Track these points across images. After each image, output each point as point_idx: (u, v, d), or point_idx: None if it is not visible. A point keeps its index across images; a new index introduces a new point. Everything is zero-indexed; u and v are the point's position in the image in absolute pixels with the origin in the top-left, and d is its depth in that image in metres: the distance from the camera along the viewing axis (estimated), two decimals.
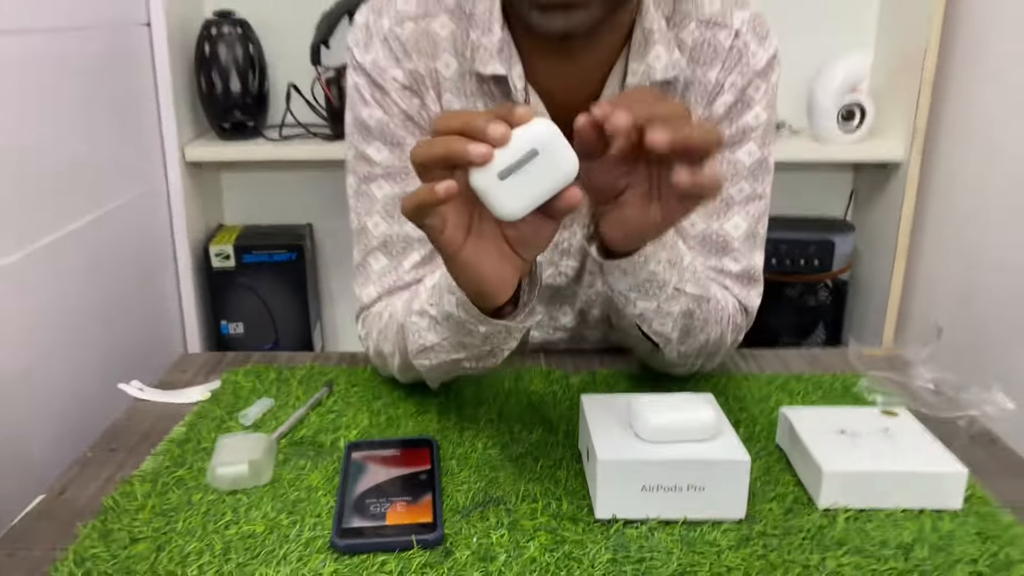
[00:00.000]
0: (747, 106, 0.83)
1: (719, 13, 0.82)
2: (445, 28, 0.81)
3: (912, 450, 0.71)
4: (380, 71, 0.82)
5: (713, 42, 0.82)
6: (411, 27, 0.81)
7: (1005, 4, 1.30)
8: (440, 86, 0.82)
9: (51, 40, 1.08)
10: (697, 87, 0.83)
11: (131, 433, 0.82)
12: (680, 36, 0.82)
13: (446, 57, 0.82)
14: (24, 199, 1.01)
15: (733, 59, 0.82)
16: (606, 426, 0.69)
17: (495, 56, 0.78)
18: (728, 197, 0.84)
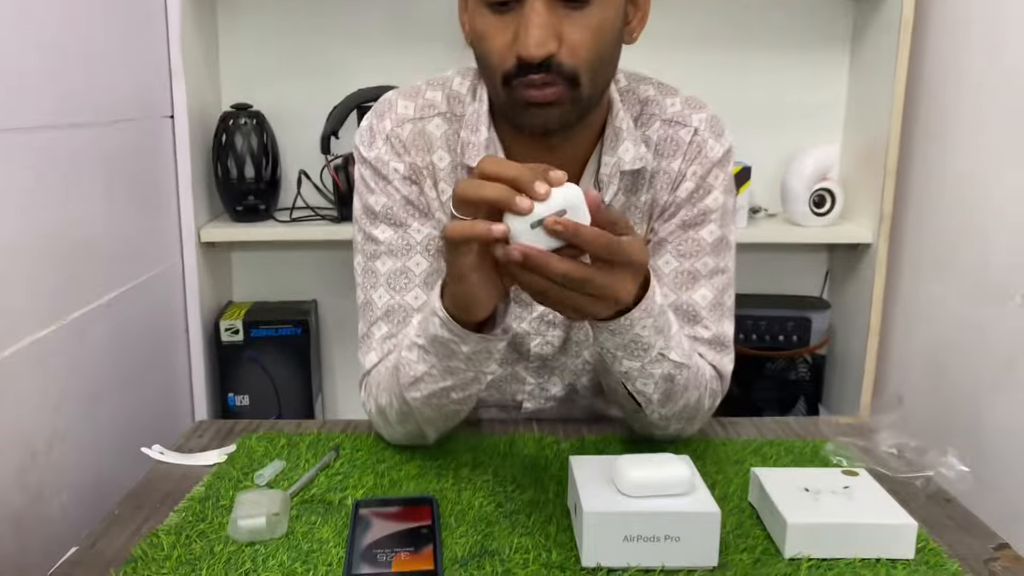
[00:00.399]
0: (707, 192, 0.94)
1: (680, 113, 0.95)
2: (439, 128, 0.93)
3: (869, 505, 0.78)
4: (383, 163, 0.93)
5: (675, 138, 0.94)
6: (409, 127, 0.93)
7: (960, 97, 1.43)
8: (436, 176, 0.93)
9: (87, 132, 1.19)
10: (662, 176, 0.94)
11: (154, 492, 0.88)
12: (647, 133, 0.94)
13: (440, 152, 0.93)
14: (57, 276, 1.10)
15: (693, 152, 0.94)
16: (592, 483, 0.77)
17: (482, 152, 0.90)
18: (695, 271, 0.94)
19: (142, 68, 1.40)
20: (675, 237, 0.95)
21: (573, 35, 0.80)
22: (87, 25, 1.20)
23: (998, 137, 1.33)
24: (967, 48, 1.41)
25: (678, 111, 0.95)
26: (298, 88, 1.72)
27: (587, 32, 0.80)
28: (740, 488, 0.88)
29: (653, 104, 0.95)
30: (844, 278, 1.76)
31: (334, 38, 1.72)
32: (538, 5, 0.78)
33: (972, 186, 1.40)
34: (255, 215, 1.62)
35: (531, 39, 0.78)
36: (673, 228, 0.95)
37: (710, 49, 1.74)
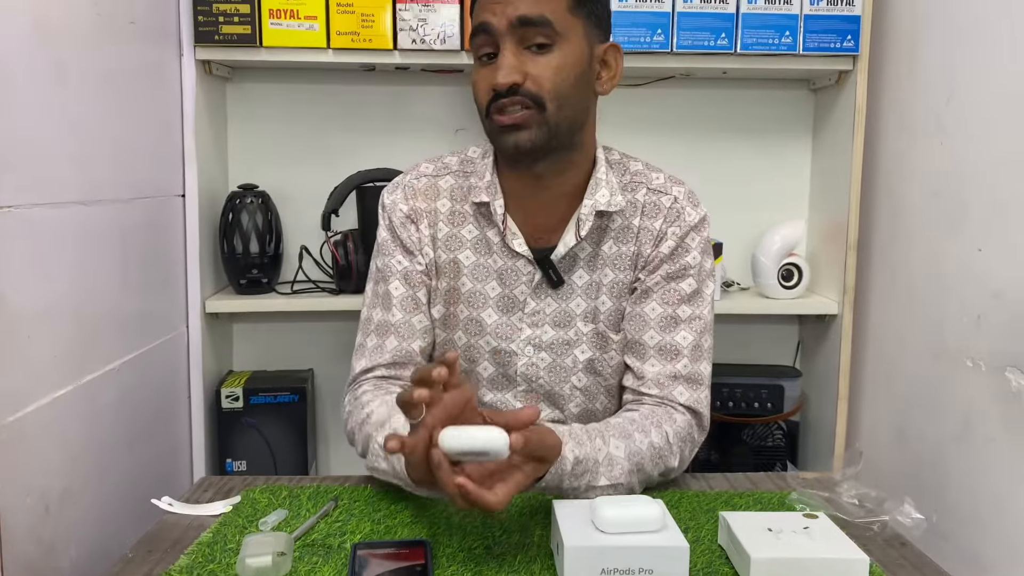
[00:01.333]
0: (686, 251, 1.13)
1: (663, 185, 1.15)
2: (447, 183, 1.16)
3: (826, 543, 0.86)
4: (393, 206, 1.16)
5: (658, 203, 1.14)
6: (425, 181, 1.17)
7: (912, 178, 1.55)
8: (436, 218, 1.15)
9: (106, 209, 1.28)
10: (646, 232, 1.13)
11: (165, 538, 0.95)
12: (635, 197, 1.13)
13: (443, 200, 1.16)
14: (74, 341, 1.17)
15: (673, 216, 1.13)
16: (573, 522, 0.84)
17: (484, 191, 1.12)
18: (676, 316, 1.11)
19: (158, 150, 1.51)
20: (659, 287, 1.12)
21: (536, 70, 1.02)
22: (111, 110, 1.31)
23: (946, 215, 1.44)
24: (917, 132, 1.54)
25: (662, 183, 1.15)
26: (301, 170, 1.83)
27: (548, 69, 1.02)
28: (710, 532, 0.95)
29: (641, 175, 1.15)
30: (814, 347, 1.85)
31: (335, 125, 1.84)
32: (507, 50, 1.01)
33: (924, 259, 1.51)
34: (258, 288, 1.71)
35: (499, 74, 1.01)
36: (658, 279, 1.12)
37: (687, 135, 1.87)
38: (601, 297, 1.13)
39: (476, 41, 1.05)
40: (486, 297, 1.13)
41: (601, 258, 1.13)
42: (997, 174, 1.31)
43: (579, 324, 1.13)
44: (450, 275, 1.14)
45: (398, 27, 1.58)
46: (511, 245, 1.11)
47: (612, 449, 0.99)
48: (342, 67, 1.74)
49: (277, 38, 1.57)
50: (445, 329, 1.16)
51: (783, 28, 1.60)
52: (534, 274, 1.12)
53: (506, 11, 1.01)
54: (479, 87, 1.06)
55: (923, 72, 1.53)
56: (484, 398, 1.17)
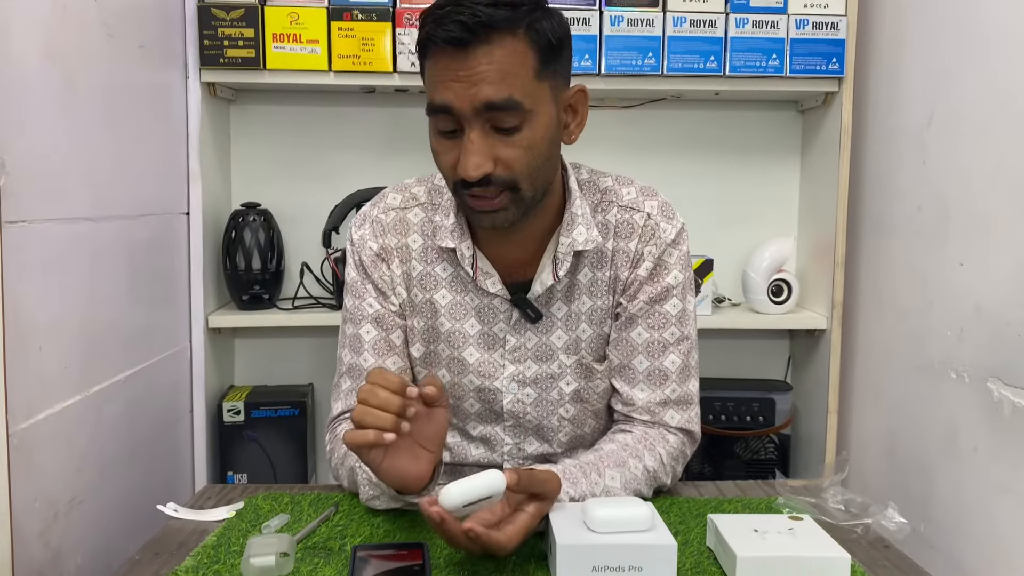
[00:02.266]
0: (666, 270, 1.09)
1: (635, 200, 1.10)
2: (417, 216, 1.12)
3: (809, 542, 0.89)
4: (363, 243, 1.12)
5: (631, 222, 1.09)
6: (393, 215, 1.12)
7: (896, 196, 1.60)
8: (409, 255, 1.11)
9: (114, 225, 1.32)
10: (621, 255, 1.10)
11: (170, 542, 0.98)
12: (606, 218, 1.10)
13: (414, 236, 1.12)
14: (82, 352, 1.21)
15: (648, 234, 1.09)
16: (566, 523, 0.88)
17: (449, 234, 1.07)
18: (664, 340, 1.10)
19: (164, 169, 1.55)
20: (643, 312, 1.10)
21: (506, 154, 0.95)
22: (119, 129, 1.35)
23: (929, 231, 1.48)
24: (900, 152, 1.59)
25: (633, 198, 1.10)
26: (302, 189, 1.88)
27: (519, 151, 0.95)
28: (699, 535, 0.98)
29: (611, 193, 1.11)
30: (804, 362, 1.89)
31: (336, 145, 1.89)
32: (474, 135, 0.93)
33: (908, 275, 1.55)
34: (259, 304, 1.74)
35: (468, 164, 0.93)
36: (641, 304, 1.10)
37: (678, 155, 1.92)
38: (581, 326, 1.11)
39: (435, 118, 0.96)
40: (466, 335, 1.10)
41: (577, 288, 1.10)
42: (977, 191, 1.36)
43: (561, 357, 1.11)
44: (427, 314, 1.11)
45: (397, 51, 1.63)
46: (484, 286, 1.08)
47: (608, 481, 1.00)
48: (343, 89, 1.79)
49: (280, 61, 1.62)
50: (426, 366, 1.13)
51: (770, 51, 1.65)
52: (511, 311, 1.09)
53: (468, 93, 0.91)
54: (443, 162, 0.98)
55: (905, 93, 1.58)
56: (473, 431, 1.16)
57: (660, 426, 1.10)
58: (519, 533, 0.85)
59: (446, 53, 0.92)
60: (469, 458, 1.17)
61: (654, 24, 1.63)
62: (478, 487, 0.82)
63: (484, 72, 0.91)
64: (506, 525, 0.85)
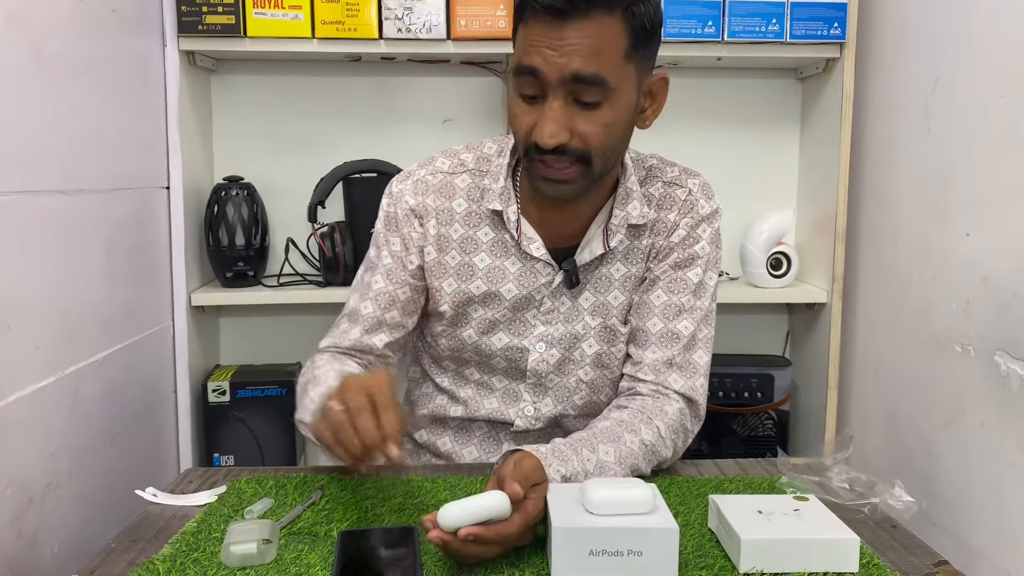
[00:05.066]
0: (695, 240, 1.12)
1: (678, 177, 1.14)
2: (464, 182, 1.12)
3: (816, 524, 0.85)
4: (399, 197, 1.12)
5: (673, 195, 1.13)
6: (440, 178, 1.13)
7: (899, 165, 1.55)
8: (452, 218, 1.11)
9: (89, 199, 1.27)
10: (660, 224, 1.12)
11: (148, 528, 0.93)
12: (650, 191, 1.12)
13: (459, 200, 1.12)
14: (56, 332, 1.16)
15: (687, 208, 1.12)
16: (563, 505, 0.83)
17: (497, 197, 1.09)
18: (679, 304, 1.11)
19: (142, 142, 1.50)
20: (666, 276, 1.11)
21: (584, 127, 0.96)
22: (92, 100, 1.29)
23: (933, 201, 1.44)
24: (904, 119, 1.54)
25: (676, 175, 1.14)
26: (287, 162, 1.82)
27: (597, 127, 0.96)
28: (701, 517, 0.94)
29: (656, 170, 1.14)
30: (803, 336, 1.85)
31: (321, 116, 1.83)
32: (555, 104, 0.95)
33: (911, 246, 1.51)
34: (244, 281, 1.69)
35: (546, 130, 0.95)
36: (665, 268, 1.11)
37: (675, 125, 1.86)
38: (612, 292, 1.12)
39: (520, 80, 0.97)
40: (501, 298, 1.11)
41: (612, 253, 1.11)
42: (984, 159, 1.31)
43: (587, 318, 1.12)
44: (463, 276, 1.11)
45: (383, 16, 1.57)
46: (528, 250, 1.09)
47: (602, 456, 0.98)
48: (328, 57, 1.73)
49: (261, 28, 1.56)
50: (453, 326, 1.13)
51: (770, 16, 1.60)
52: (554, 276, 1.10)
53: (559, 62, 0.93)
54: (520, 125, 0.99)
55: (910, 58, 1.53)
56: (496, 385, 1.16)
57: (661, 393, 1.09)
58: (526, 520, 0.82)
59: (543, 20, 0.93)
60: (481, 411, 1.16)
61: None
62: (479, 510, 0.78)
63: (577, 45, 0.93)
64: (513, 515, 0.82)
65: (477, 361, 1.15)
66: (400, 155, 1.69)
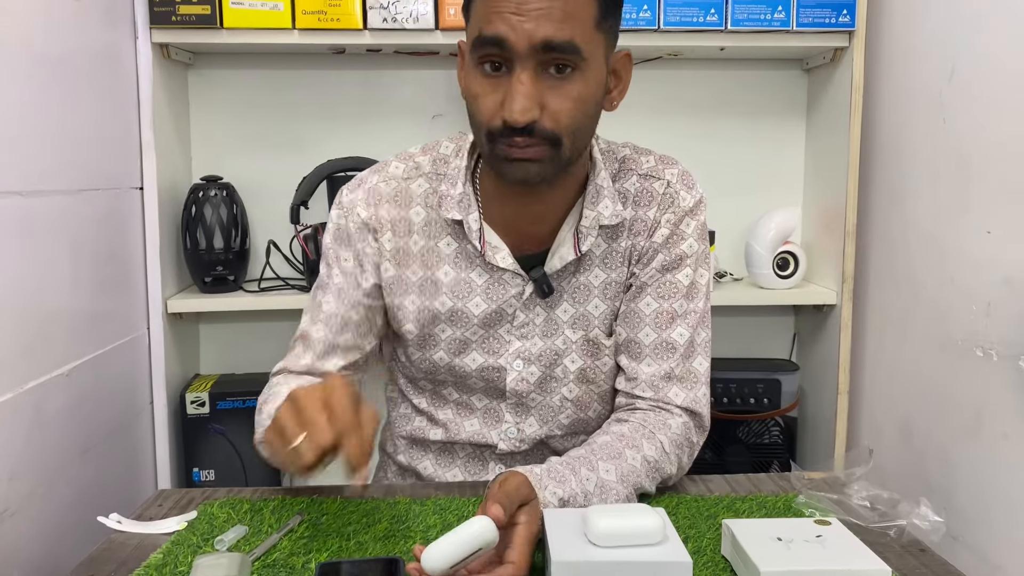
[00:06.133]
0: (681, 238, 1.03)
1: (654, 168, 1.04)
2: (420, 187, 1.03)
3: (841, 553, 0.77)
4: (350, 209, 1.03)
5: (650, 190, 1.03)
6: (394, 185, 1.03)
7: (913, 160, 1.48)
8: (409, 229, 1.02)
9: (53, 201, 1.19)
10: (639, 223, 1.02)
11: (109, 561, 0.85)
12: (624, 186, 1.03)
13: (417, 208, 1.02)
14: (13, 344, 1.08)
15: (667, 202, 1.02)
16: (563, 534, 0.75)
17: (456, 205, 0.99)
18: (672, 311, 1.02)
19: (112, 140, 1.41)
20: (654, 280, 1.02)
21: (555, 103, 0.87)
22: (55, 96, 1.21)
23: (949, 197, 1.37)
24: (918, 111, 1.47)
25: (652, 166, 1.04)
26: (268, 160, 1.74)
27: (568, 101, 0.88)
28: (713, 542, 0.86)
29: (630, 161, 1.04)
30: (811, 339, 1.78)
31: (303, 112, 1.75)
32: (524, 76, 0.86)
33: (926, 245, 1.44)
34: (223, 286, 1.61)
35: (516, 106, 0.85)
36: (652, 272, 1.02)
37: (675, 120, 1.80)
38: (593, 301, 1.03)
39: (481, 53, 0.88)
40: (469, 315, 1.02)
41: (589, 259, 1.02)
42: (1005, 152, 1.24)
43: (567, 332, 1.03)
44: (425, 293, 1.03)
45: (368, 5, 1.49)
46: (493, 261, 1.00)
47: (602, 474, 0.90)
48: (310, 50, 1.65)
49: (239, 18, 1.48)
50: (421, 349, 1.05)
51: (775, 3, 1.52)
52: (524, 287, 1.01)
53: (527, 28, 0.84)
54: (481, 105, 0.89)
55: (923, 48, 1.46)
56: (477, 405, 1.08)
57: (662, 408, 1.01)
58: (525, 550, 0.75)
59: None
60: (462, 434, 1.08)
61: None
62: (465, 543, 0.70)
63: (548, 8, 0.85)
64: (507, 551, 0.74)
65: (454, 381, 1.07)
66: (387, 152, 1.58)
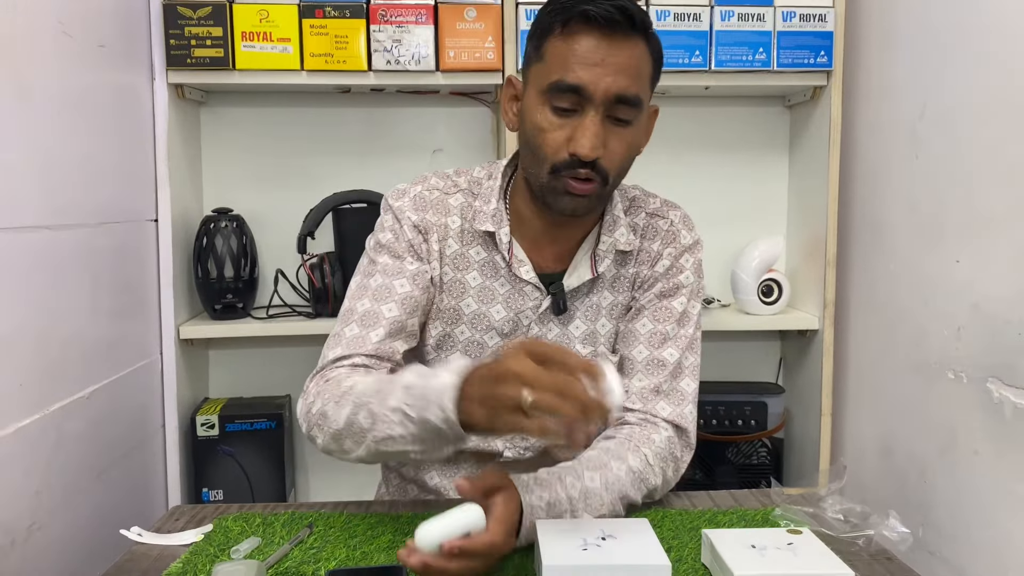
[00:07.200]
0: (679, 270, 1.14)
1: (659, 209, 1.17)
2: (457, 200, 1.13)
3: (810, 558, 0.84)
4: (402, 212, 1.11)
5: (656, 226, 1.16)
6: (436, 195, 1.13)
7: (890, 191, 1.56)
8: (446, 234, 1.11)
9: (74, 233, 1.26)
10: (644, 254, 1.15)
11: (132, 571, 0.92)
12: (635, 220, 1.16)
13: (454, 217, 1.12)
14: (40, 368, 1.14)
15: (669, 238, 1.15)
16: (555, 541, 0.82)
17: (489, 219, 1.10)
18: (664, 332, 1.12)
19: (130, 175, 1.49)
20: (652, 304, 1.14)
21: (613, 146, 1.01)
22: (79, 133, 1.29)
23: (923, 228, 1.44)
24: (892, 146, 1.55)
25: (658, 207, 1.17)
26: (276, 193, 1.82)
27: (623, 146, 1.02)
28: (694, 551, 0.93)
29: (639, 200, 1.17)
30: (796, 363, 1.85)
31: (310, 147, 1.83)
32: (596, 119, 0.98)
33: (903, 273, 1.51)
34: (233, 313, 1.68)
35: (588, 143, 0.98)
36: (651, 297, 1.14)
37: (665, 153, 1.87)
38: (601, 320, 1.14)
39: (559, 96, 0.99)
40: (490, 320, 1.11)
41: (601, 282, 1.13)
42: (973, 185, 1.32)
43: (578, 347, 1.13)
44: (455, 294, 1.12)
45: (372, 48, 1.57)
46: (518, 273, 1.10)
47: (587, 482, 0.97)
48: (317, 89, 1.73)
49: (250, 61, 1.56)
50: (438, 349, 1.13)
51: (757, 45, 1.61)
52: (541, 301, 1.11)
53: (607, 80, 0.96)
54: (550, 139, 1.00)
55: (896, 85, 1.54)
56: None
57: (648, 422, 1.08)
58: (504, 524, 0.82)
59: (594, 35, 0.97)
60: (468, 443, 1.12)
61: None
62: (456, 525, 0.77)
63: (626, 64, 0.98)
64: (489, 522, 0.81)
65: None
66: (390, 186, 1.64)
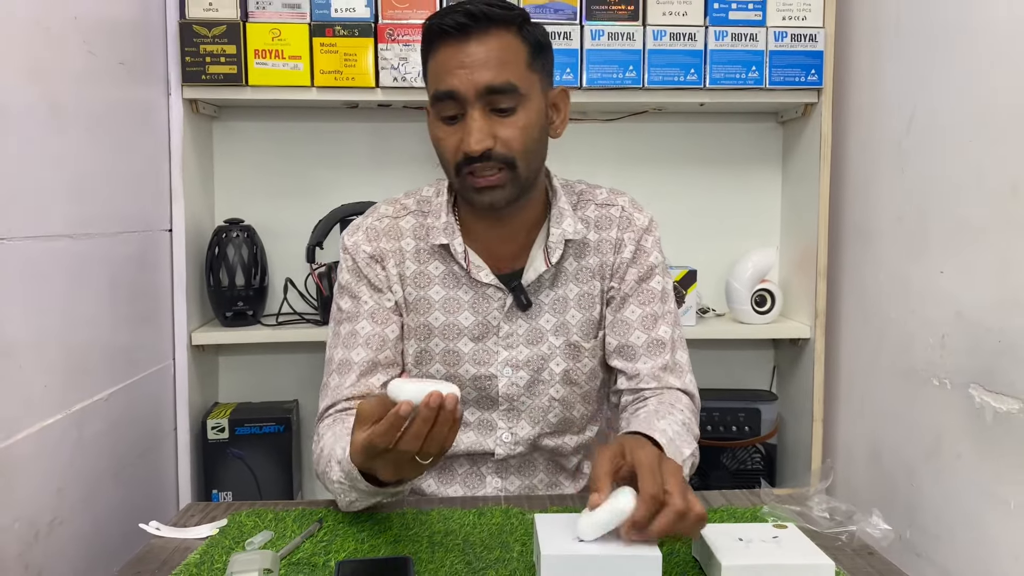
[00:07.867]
0: (646, 252, 1.21)
1: (607, 199, 1.24)
2: (408, 223, 1.20)
3: (793, 550, 0.89)
4: (356, 247, 1.18)
5: (609, 215, 1.22)
6: (387, 222, 1.20)
7: (879, 204, 1.61)
8: (403, 256, 1.18)
9: (95, 243, 1.32)
10: (604, 243, 1.21)
11: (152, 560, 0.97)
12: (586, 214, 1.22)
13: (407, 239, 1.19)
14: (63, 370, 1.20)
15: (624, 223, 1.22)
16: (553, 534, 0.87)
17: (442, 232, 1.16)
18: (654, 313, 1.20)
19: (146, 186, 1.55)
20: (635, 290, 1.20)
21: (505, 133, 1.07)
22: (101, 147, 1.35)
23: (910, 239, 1.50)
24: (880, 160, 1.60)
25: (606, 197, 1.24)
26: (286, 204, 1.88)
27: (516, 130, 1.07)
28: (684, 546, 0.98)
29: (586, 194, 1.24)
30: (789, 371, 1.90)
31: (318, 161, 1.89)
32: (475, 114, 1.05)
33: (891, 282, 1.56)
34: (243, 320, 1.74)
35: (472, 138, 1.05)
36: (632, 283, 1.20)
37: (661, 168, 1.93)
38: (570, 311, 1.20)
39: (440, 105, 1.07)
40: (460, 328, 1.18)
41: (564, 275, 1.19)
42: (956, 198, 1.37)
43: (550, 339, 1.19)
44: (421, 311, 1.18)
45: (380, 66, 1.64)
46: (478, 277, 1.16)
47: (666, 427, 1.03)
48: (326, 105, 1.79)
49: (262, 77, 1.63)
50: (418, 365, 1.19)
51: (750, 64, 1.67)
52: (505, 299, 1.17)
53: (472, 78, 1.04)
54: (446, 146, 1.09)
55: (884, 102, 1.60)
56: (470, 419, 1.21)
57: (667, 392, 1.17)
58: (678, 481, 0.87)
59: (450, 44, 1.05)
60: (459, 447, 1.21)
61: (634, 38, 1.65)
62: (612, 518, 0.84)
63: (485, 59, 1.04)
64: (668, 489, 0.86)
65: None
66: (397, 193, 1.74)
